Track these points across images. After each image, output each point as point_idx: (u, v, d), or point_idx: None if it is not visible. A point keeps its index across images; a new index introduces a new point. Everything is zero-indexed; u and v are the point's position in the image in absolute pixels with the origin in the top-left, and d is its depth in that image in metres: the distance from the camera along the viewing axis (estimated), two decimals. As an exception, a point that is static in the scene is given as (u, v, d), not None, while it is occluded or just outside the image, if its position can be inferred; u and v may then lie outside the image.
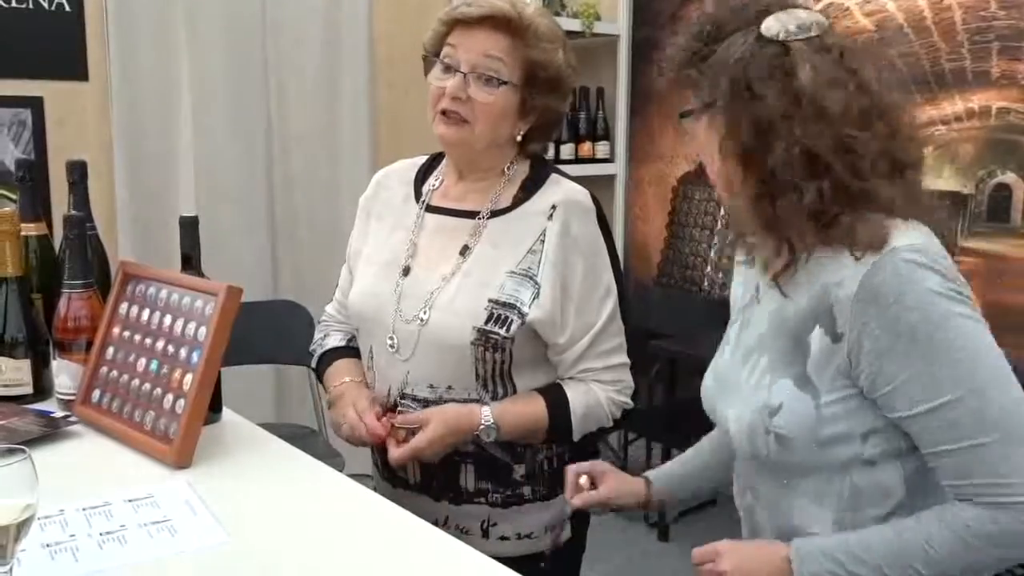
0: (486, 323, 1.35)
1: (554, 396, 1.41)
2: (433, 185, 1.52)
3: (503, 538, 1.45)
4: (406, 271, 1.44)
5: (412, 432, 1.37)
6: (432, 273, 1.42)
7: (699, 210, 3.57)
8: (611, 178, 3.74)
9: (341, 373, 1.52)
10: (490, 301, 1.36)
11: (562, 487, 1.46)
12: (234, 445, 1.44)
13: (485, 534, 1.44)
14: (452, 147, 1.45)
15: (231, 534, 1.13)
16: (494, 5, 1.36)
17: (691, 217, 3.60)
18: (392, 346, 1.42)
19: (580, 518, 1.51)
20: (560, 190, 1.43)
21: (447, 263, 1.42)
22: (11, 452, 0.86)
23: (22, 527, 0.85)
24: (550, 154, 3.44)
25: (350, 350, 1.57)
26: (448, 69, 1.39)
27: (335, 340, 1.60)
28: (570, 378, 1.43)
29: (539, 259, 1.38)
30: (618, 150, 3.77)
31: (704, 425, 1.39)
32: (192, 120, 3.05)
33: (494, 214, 1.43)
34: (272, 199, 3.28)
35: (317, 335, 1.65)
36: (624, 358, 1.45)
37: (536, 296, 1.36)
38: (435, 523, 1.41)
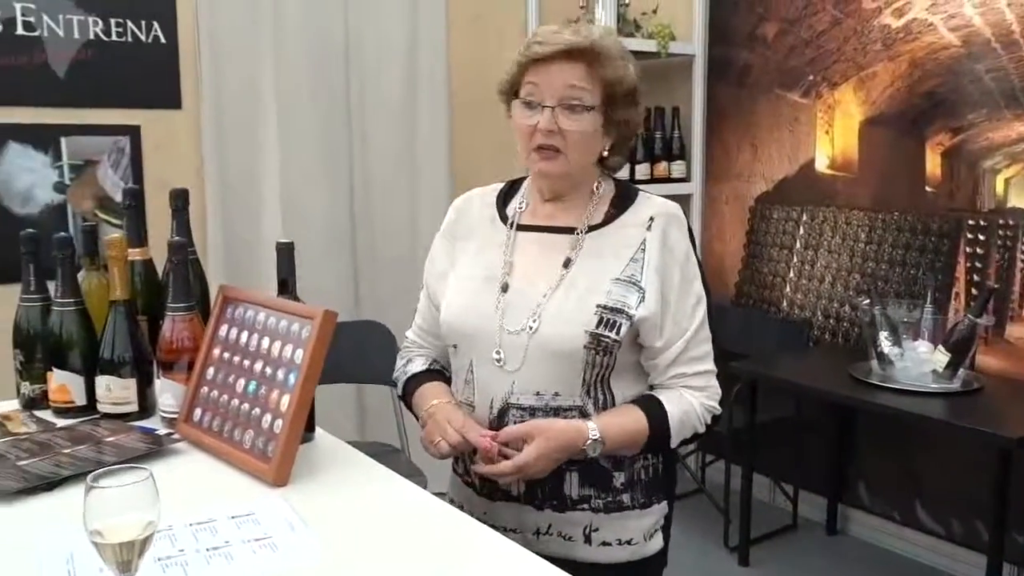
0: (597, 327, 1.40)
1: (651, 406, 1.45)
2: (519, 208, 1.56)
3: (605, 543, 1.48)
4: (505, 287, 1.48)
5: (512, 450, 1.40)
6: (533, 287, 1.47)
7: (777, 229, 3.53)
8: (687, 198, 3.73)
9: (431, 396, 1.55)
10: (599, 306, 1.41)
11: (657, 496, 1.51)
12: (327, 463, 1.49)
13: (588, 540, 1.48)
14: (552, 179, 1.50)
15: (328, 551, 1.17)
16: (565, 40, 1.41)
17: (769, 236, 3.57)
18: (499, 359, 1.45)
19: (666, 529, 1.55)
20: (655, 204, 1.50)
21: (549, 276, 1.46)
22: (135, 471, 0.91)
23: (145, 543, 0.90)
24: (624, 173, 3.48)
25: (434, 373, 1.62)
26: (532, 106, 1.44)
27: (418, 365, 1.64)
28: (661, 385, 1.47)
29: (641, 266, 1.44)
30: (694, 169, 3.76)
31: (782, 447, 1.41)
32: (278, 146, 3.15)
33: (590, 229, 1.49)
34: (353, 223, 3.36)
35: (399, 362, 1.69)
36: (712, 365, 1.49)
37: (642, 300, 1.42)
38: (537, 532, 1.47)
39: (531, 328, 1.43)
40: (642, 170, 3.61)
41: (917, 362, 2.70)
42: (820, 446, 3.38)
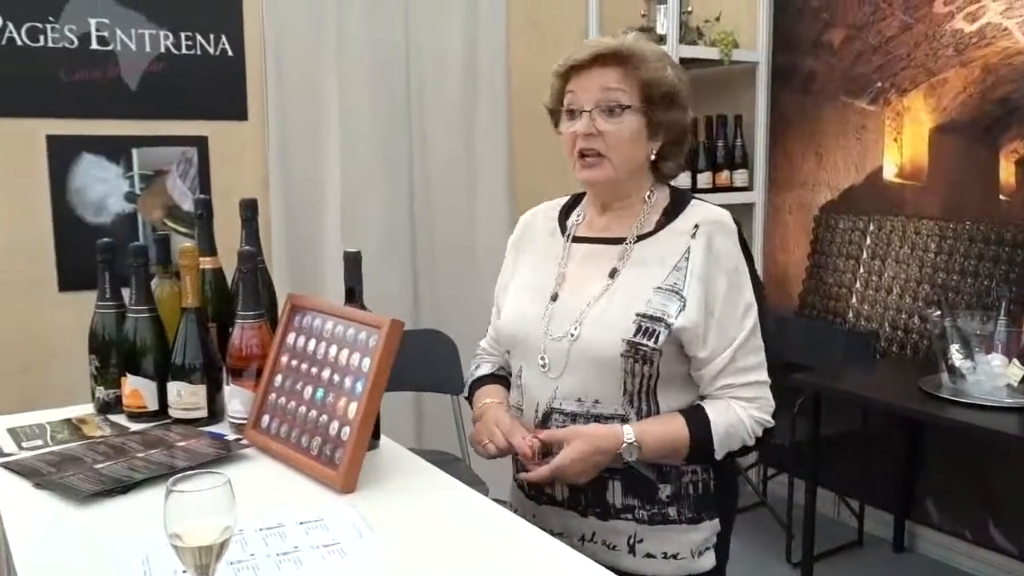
0: (635, 335, 1.40)
1: (694, 415, 1.43)
2: (577, 220, 1.59)
3: (649, 555, 1.47)
4: (554, 297, 1.50)
5: (550, 452, 1.42)
6: (579, 296, 1.48)
7: (843, 239, 3.47)
8: (749, 207, 3.69)
9: (485, 395, 1.61)
10: (638, 315, 1.41)
11: (708, 513, 1.49)
12: (392, 471, 1.49)
13: (632, 550, 1.47)
14: (597, 185, 1.51)
15: (395, 558, 1.17)
16: (600, 43, 1.45)
17: (835, 246, 3.50)
18: (543, 364, 1.48)
19: (722, 548, 1.52)
20: (702, 211, 1.49)
21: (595, 285, 1.48)
22: (213, 477, 0.92)
23: (223, 547, 0.91)
24: (686, 182, 3.46)
25: (496, 377, 1.66)
26: (573, 114, 1.47)
27: (484, 369, 1.69)
28: (709, 396, 1.45)
29: (684, 275, 1.42)
30: (757, 178, 3.71)
31: (848, 461, 1.37)
32: (340, 156, 3.19)
33: (639, 238, 1.49)
34: (413, 232, 3.39)
35: (471, 367, 1.74)
36: (764, 376, 1.46)
37: (682, 308, 1.40)
38: (582, 539, 1.47)
39: (572, 335, 1.44)
40: (704, 179, 3.57)
41: (990, 376, 2.62)
42: (887, 461, 3.30)
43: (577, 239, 1.55)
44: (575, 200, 1.63)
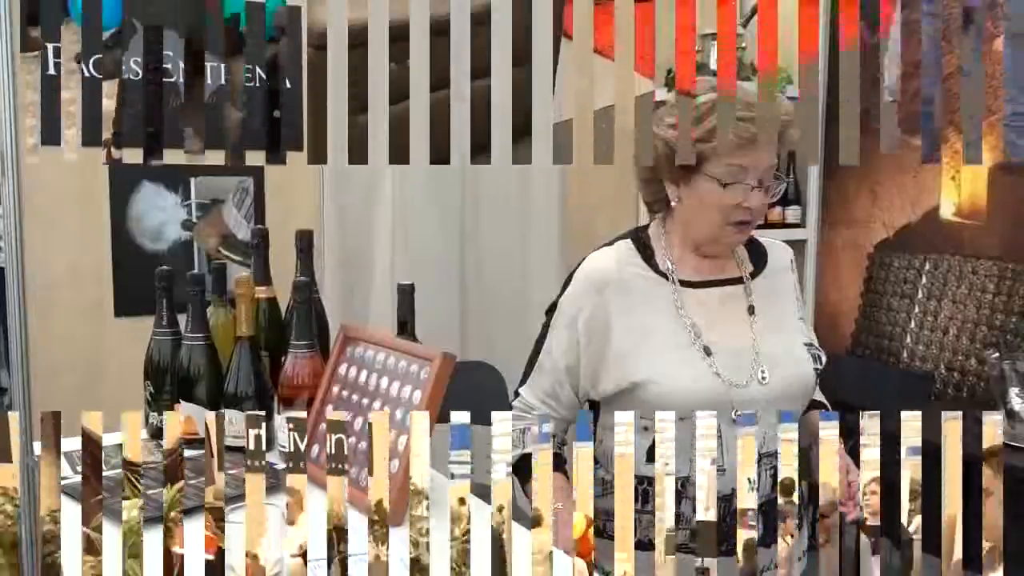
0: (815, 363, 1.56)
1: (817, 406, 1.62)
2: (670, 265, 1.55)
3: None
4: (707, 349, 1.49)
5: None
6: (735, 339, 1.51)
7: (898, 278, 3.40)
8: (801, 243, 3.64)
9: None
10: (805, 344, 1.57)
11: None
12: (439, 504, 1.48)
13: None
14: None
15: (444, 596, 1.16)
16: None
17: (889, 285, 3.44)
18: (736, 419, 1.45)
19: None
20: (781, 245, 1.69)
21: (742, 328, 1.53)
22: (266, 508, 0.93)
23: (274, 581, 0.91)
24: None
25: (561, 459, 1.62)
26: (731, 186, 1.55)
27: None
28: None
29: (802, 303, 1.64)
30: (810, 215, 3.67)
31: (898, 505, 1.38)
32: (392, 189, 3.22)
33: (752, 276, 1.59)
34: (464, 262, 3.40)
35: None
36: None
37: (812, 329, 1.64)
38: None
39: (762, 381, 1.49)
40: (755, 215, 3.54)
41: (1052, 422, 2.55)
42: (941, 506, 3.21)
43: (690, 283, 1.54)
44: (641, 246, 1.57)
